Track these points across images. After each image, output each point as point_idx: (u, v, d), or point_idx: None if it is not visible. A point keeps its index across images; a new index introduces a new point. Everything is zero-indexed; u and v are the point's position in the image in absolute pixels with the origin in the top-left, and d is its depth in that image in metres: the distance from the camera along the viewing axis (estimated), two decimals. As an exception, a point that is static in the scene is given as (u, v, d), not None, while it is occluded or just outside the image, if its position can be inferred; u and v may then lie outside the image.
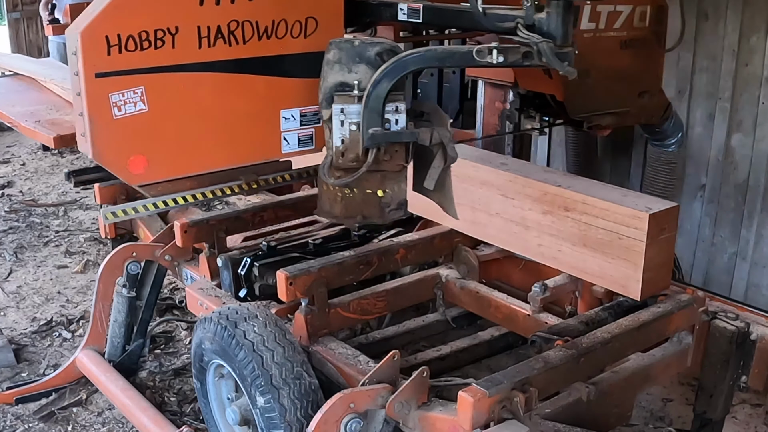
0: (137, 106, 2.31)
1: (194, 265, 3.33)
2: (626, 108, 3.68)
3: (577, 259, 2.65)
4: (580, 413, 2.27)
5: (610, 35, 3.49)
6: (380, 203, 2.32)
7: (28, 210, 6.08)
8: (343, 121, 2.20)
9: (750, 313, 2.71)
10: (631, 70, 3.63)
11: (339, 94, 2.21)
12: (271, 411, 2.41)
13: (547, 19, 2.11)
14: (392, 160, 2.26)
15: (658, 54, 3.81)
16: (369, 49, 2.22)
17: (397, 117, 2.20)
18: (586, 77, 3.31)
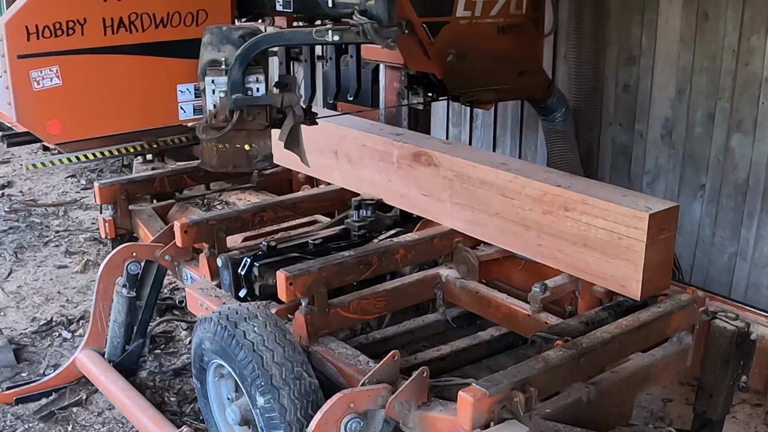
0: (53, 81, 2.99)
1: (194, 265, 3.33)
2: (506, 86, 4.12)
3: (577, 259, 2.65)
4: (580, 413, 2.27)
5: (486, 22, 3.94)
6: (247, 155, 2.80)
7: (28, 210, 6.08)
8: (214, 90, 2.70)
9: (750, 313, 2.71)
10: (509, 53, 4.10)
11: (210, 68, 2.71)
12: (271, 411, 2.41)
13: (375, 5, 2.63)
14: (255, 120, 2.75)
15: (536, 38, 4.30)
16: (233, 33, 2.72)
17: (258, 86, 2.70)
18: (464, 59, 3.84)
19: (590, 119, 4.71)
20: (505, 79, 4.13)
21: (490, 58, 4.01)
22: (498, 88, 4.09)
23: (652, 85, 4.48)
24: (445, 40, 3.81)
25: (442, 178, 3.09)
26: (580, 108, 4.72)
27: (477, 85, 3.94)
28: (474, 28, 3.88)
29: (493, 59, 4.03)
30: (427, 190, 3.18)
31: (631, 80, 4.59)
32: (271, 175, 4.17)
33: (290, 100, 2.76)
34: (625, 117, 4.69)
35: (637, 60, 4.53)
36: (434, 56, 3.72)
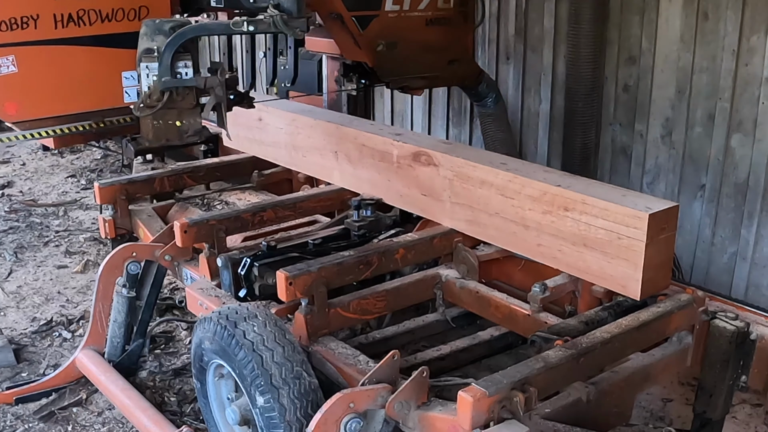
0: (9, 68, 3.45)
1: (194, 265, 3.33)
2: (435, 73, 4.55)
3: (577, 259, 2.65)
4: (579, 413, 2.27)
5: (415, 15, 4.32)
6: (179, 130, 3.25)
7: (28, 210, 6.08)
8: (148, 74, 3.13)
9: (750, 313, 2.71)
10: (438, 43, 4.47)
11: (145, 56, 3.14)
12: (270, 411, 2.41)
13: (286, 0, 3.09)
14: (184, 100, 3.19)
15: (465, 29, 4.66)
16: (164, 25, 3.17)
17: (186, 70, 3.14)
18: (394, 48, 4.24)
19: (587, 120, 4.71)
20: (435, 68, 4.52)
21: (420, 48, 4.38)
22: (427, 75, 4.50)
23: (652, 85, 4.48)
24: (374, 32, 4.17)
25: (442, 178, 3.09)
26: (577, 109, 4.71)
27: (407, 72, 4.33)
28: (402, 20, 4.25)
29: (422, 49, 4.40)
30: (426, 190, 3.18)
31: (631, 80, 4.60)
32: (271, 175, 4.17)
33: (212, 83, 3.18)
34: (625, 117, 4.69)
35: (637, 60, 4.53)
36: (365, 46, 4.12)
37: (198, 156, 4.75)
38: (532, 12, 5.13)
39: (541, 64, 5.14)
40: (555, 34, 4.97)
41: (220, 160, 4.28)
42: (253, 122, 4.06)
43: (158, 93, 3.11)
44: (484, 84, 5.00)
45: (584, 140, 4.76)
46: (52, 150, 7.32)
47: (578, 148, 4.79)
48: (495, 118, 5.04)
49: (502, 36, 5.39)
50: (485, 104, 5.05)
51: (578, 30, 4.50)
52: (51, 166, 7.23)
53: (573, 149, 4.83)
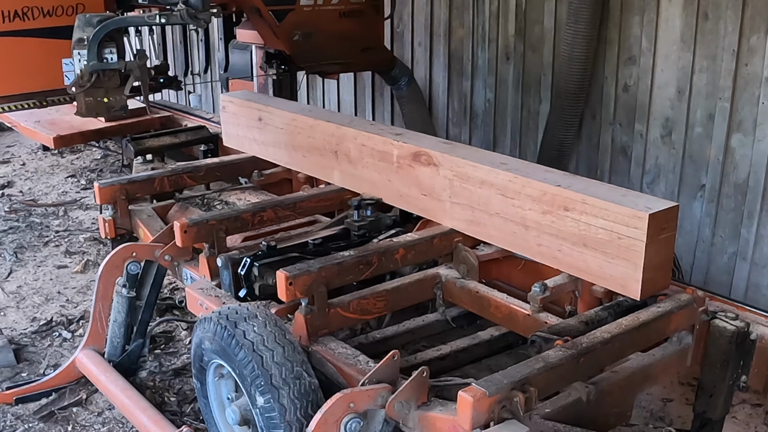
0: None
1: (194, 265, 3.33)
2: (349, 60, 5.17)
3: (577, 259, 2.65)
4: (579, 413, 2.27)
5: (329, 8, 4.97)
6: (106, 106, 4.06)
7: (28, 210, 6.08)
8: (80, 59, 3.84)
9: (750, 313, 2.71)
10: (352, 33, 5.09)
11: (78, 44, 3.83)
12: (270, 411, 2.41)
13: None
14: (110, 81, 3.98)
15: (377, 21, 5.31)
16: (93, 19, 3.83)
17: (112, 56, 3.90)
18: (310, 38, 4.89)
19: (570, 117, 4.74)
20: (349, 55, 5.14)
21: (334, 37, 5.00)
22: (341, 62, 5.12)
23: (652, 85, 4.49)
24: (290, 24, 4.79)
25: (442, 177, 3.09)
26: (563, 106, 4.73)
27: (322, 59, 4.96)
28: (317, 13, 4.89)
29: (336, 38, 5.01)
30: (426, 190, 3.18)
31: (631, 80, 4.60)
32: (271, 175, 4.17)
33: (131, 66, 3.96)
34: (625, 117, 4.69)
35: (637, 60, 4.54)
36: (282, 37, 4.77)
37: (198, 156, 4.76)
38: (532, 12, 5.13)
39: (541, 64, 5.14)
40: (555, 34, 4.98)
41: (220, 160, 4.28)
42: (253, 122, 4.06)
43: (88, 75, 3.84)
44: (396, 69, 5.61)
45: (564, 138, 4.78)
46: (52, 150, 7.32)
47: (556, 144, 4.82)
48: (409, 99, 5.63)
49: (502, 36, 5.40)
50: (399, 87, 5.69)
51: (575, 30, 4.51)
52: (51, 166, 7.23)
53: (551, 144, 4.86)
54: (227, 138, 4.36)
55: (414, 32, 6.08)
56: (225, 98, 4.25)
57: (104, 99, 3.97)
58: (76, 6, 4.21)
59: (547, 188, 2.70)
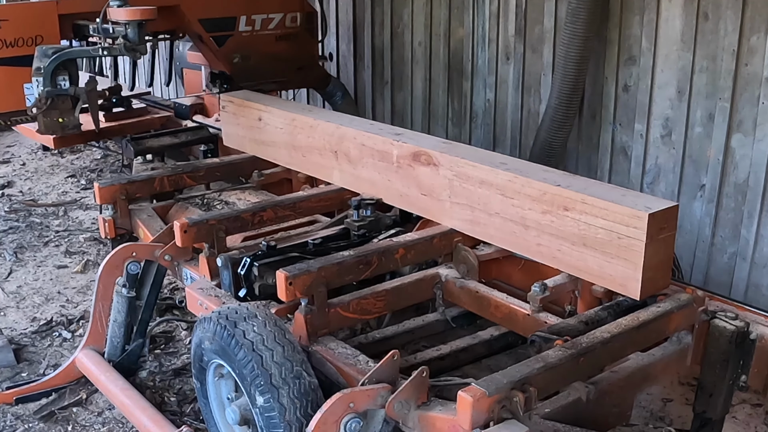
0: None
1: (194, 265, 3.33)
2: (286, 78, 5.66)
3: (577, 259, 2.65)
4: (579, 413, 2.27)
5: (265, 33, 5.45)
6: (61, 126, 4.45)
7: (28, 210, 6.08)
8: (37, 85, 4.30)
9: (750, 313, 2.71)
10: (288, 54, 5.58)
11: (36, 72, 4.28)
12: (270, 410, 2.41)
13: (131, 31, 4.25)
14: (64, 104, 4.41)
15: (311, 43, 5.79)
16: (48, 50, 4.29)
17: (65, 82, 4.35)
18: (248, 60, 5.37)
19: (563, 118, 4.74)
20: (285, 74, 5.60)
21: (271, 58, 5.47)
22: (279, 80, 5.58)
23: (652, 85, 4.48)
24: (230, 48, 5.28)
25: (442, 177, 3.09)
26: (557, 106, 4.73)
27: (260, 78, 5.33)
28: (255, 38, 5.38)
29: (273, 59, 5.48)
30: (426, 189, 3.18)
31: (631, 80, 4.60)
32: (271, 175, 4.17)
33: (80, 92, 4.42)
34: (625, 117, 4.69)
35: (637, 60, 4.53)
36: (222, 59, 5.31)
37: (198, 156, 4.76)
38: (532, 12, 5.13)
39: (541, 64, 5.14)
40: (555, 34, 4.97)
41: (220, 160, 4.28)
42: (253, 122, 4.06)
43: (44, 99, 4.28)
44: (331, 85, 6.11)
45: (556, 136, 4.79)
46: (52, 150, 7.32)
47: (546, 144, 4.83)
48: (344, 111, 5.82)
49: (502, 36, 5.40)
50: (335, 102, 6.13)
51: (573, 29, 4.51)
52: (51, 166, 7.23)
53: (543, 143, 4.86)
54: (227, 138, 4.36)
55: (414, 32, 6.08)
56: (225, 98, 4.25)
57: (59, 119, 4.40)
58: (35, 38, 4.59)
59: (547, 188, 2.70)
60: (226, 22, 5.24)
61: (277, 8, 5.48)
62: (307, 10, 5.70)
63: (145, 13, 4.30)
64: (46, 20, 4.67)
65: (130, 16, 4.24)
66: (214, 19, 5.18)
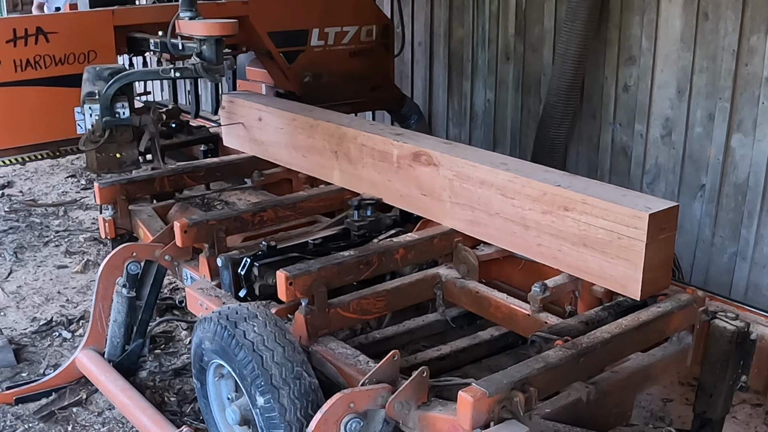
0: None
1: (194, 265, 3.33)
2: (359, 99, 5.16)
3: (577, 259, 2.65)
4: (579, 413, 2.27)
5: (339, 48, 5.02)
6: (118, 161, 3.81)
7: (28, 210, 6.08)
8: (91, 114, 3.66)
9: (750, 313, 2.71)
10: (361, 72, 5.14)
11: (88, 98, 3.66)
12: (271, 411, 2.41)
13: (207, 49, 3.58)
14: (122, 136, 3.76)
15: (386, 59, 5.35)
16: (104, 72, 3.68)
17: (124, 110, 3.69)
18: (320, 79, 4.95)
19: (561, 116, 4.76)
20: (359, 95, 5.14)
21: (344, 77, 5.03)
22: (351, 101, 5.03)
23: (652, 85, 4.49)
24: (301, 65, 4.86)
25: (442, 178, 3.09)
26: (554, 103, 4.74)
27: (332, 100, 4.73)
28: (327, 54, 4.94)
29: (346, 78, 5.04)
30: (426, 190, 3.18)
31: (631, 80, 4.60)
32: (271, 175, 4.17)
33: (145, 121, 3.78)
34: (625, 117, 4.69)
35: (637, 60, 4.54)
36: (292, 78, 4.85)
37: (198, 156, 4.75)
38: (532, 12, 5.13)
39: (541, 64, 5.14)
40: (555, 34, 4.98)
41: (220, 160, 4.28)
42: (253, 122, 4.06)
43: (100, 130, 3.66)
44: (407, 107, 5.61)
45: (555, 135, 4.79)
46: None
47: (547, 141, 4.83)
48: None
49: (502, 36, 5.40)
50: (409, 125, 5.57)
51: (572, 28, 4.52)
52: (51, 166, 7.23)
53: (543, 142, 4.86)
54: (227, 138, 4.36)
55: (414, 32, 6.08)
56: (225, 98, 4.25)
57: (116, 154, 3.77)
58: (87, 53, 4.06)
59: (547, 188, 2.70)
60: (297, 36, 4.80)
61: (351, 20, 5.00)
62: (383, 23, 5.24)
63: (226, 28, 3.61)
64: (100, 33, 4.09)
65: (208, 31, 3.57)
66: (284, 33, 4.71)
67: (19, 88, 3.95)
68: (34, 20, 4.02)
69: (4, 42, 3.85)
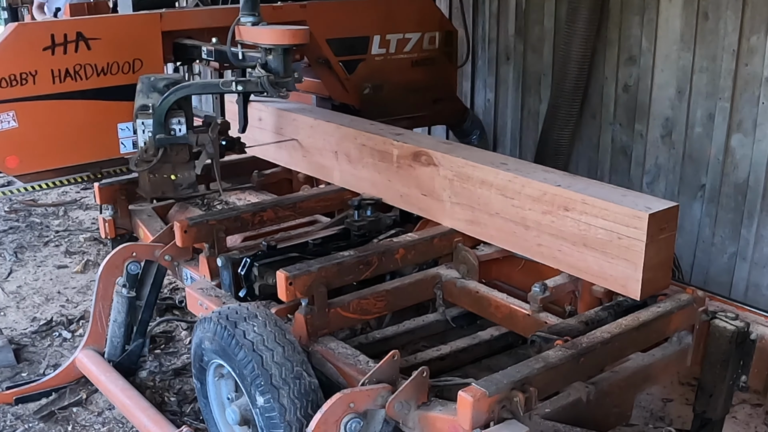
0: (10, 123, 3.42)
1: (194, 265, 3.33)
2: (420, 113, 4.75)
3: (577, 259, 2.65)
4: (579, 413, 2.27)
5: (400, 57, 4.59)
6: (173, 184, 3.41)
7: (28, 210, 6.08)
8: (144, 130, 3.27)
9: (750, 313, 2.71)
10: (423, 83, 4.71)
11: (141, 112, 3.27)
12: (270, 411, 2.41)
13: (273, 59, 3.13)
14: (178, 155, 3.34)
15: (449, 69, 4.89)
16: (159, 83, 3.30)
17: (180, 126, 3.28)
18: (380, 91, 4.52)
19: (565, 116, 4.75)
20: (420, 108, 4.73)
21: (405, 89, 4.62)
22: (412, 116, 4.66)
23: (652, 85, 4.48)
24: (361, 76, 4.42)
25: (442, 178, 3.09)
26: (559, 104, 4.74)
27: (392, 114, 4.38)
28: (388, 63, 4.52)
29: (407, 90, 4.63)
30: (426, 190, 3.18)
31: (631, 80, 4.60)
32: (271, 175, 4.17)
33: (203, 140, 3.31)
34: (625, 117, 4.69)
35: (637, 60, 4.53)
36: (351, 90, 4.42)
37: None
38: (532, 12, 5.13)
39: (541, 64, 5.14)
40: (555, 34, 4.98)
41: (220, 160, 4.27)
42: (253, 122, 4.05)
43: (153, 149, 3.27)
44: (469, 121, 5.16)
45: (559, 136, 4.79)
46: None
47: (552, 143, 4.83)
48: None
49: (502, 36, 5.40)
50: (470, 141, 5.16)
51: (573, 29, 4.52)
52: (51, 166, 7.22)
53: (546, 143, 4.86)
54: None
55: (414, 32, 6.08)
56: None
57: (171, 176, 3.33)
58: (132, 62, 3.57)
59: (547, 188, 2.70)
60: (358, 44, 4.38)
61: (414, 26, 4.58)
62: (446, 29, 4.82)
63: (297, 36, 3.13)
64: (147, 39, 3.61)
65: (276, 40, 3.10)
66: (344, 40, 4.28)
67: (58, 101, 3.48)
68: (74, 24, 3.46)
69: (41, 50, 3.39)
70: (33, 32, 3.40)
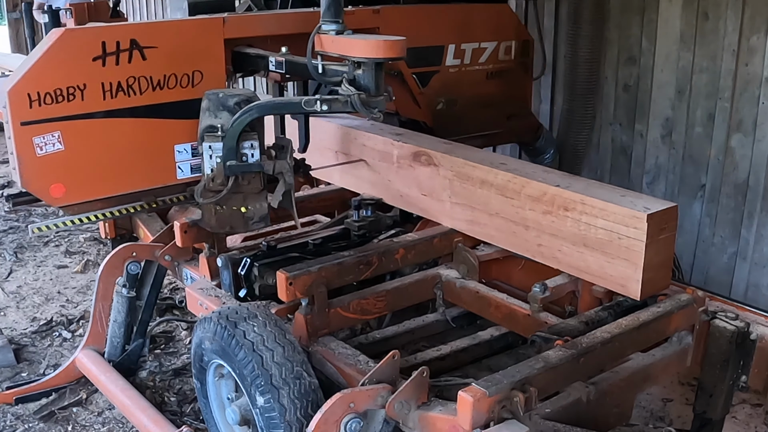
0: (55, 146, 2.93)
1: (194, 265, 3.33)
2: (494, 130, 4.31)
3: (577, 259, 2.65)
4: (580, 413, 2.27)
5: (475, 69, 4.15)
6: (244, 217, 2.88)
7: (28, 210, 6.08)
8: (211, 155, 2.77)
9: (750, 313, 2.71)
10: (498, 97, 4.27)
11: (208, 134, 2.77)
12: (270, 411, 2.41)
13: (363, 75, 2.66)
14: (250, 184, 2.83)
15: (525, 82, 4.47)
16: (229, 100, 2.77)
17: (253, 151, 2.76)
18: (454, 106, 4.07)
19: (581, 120, 4.73)
20: (494, 124, 4.32)
21: (479, 103, 4.20)
22: (487, 134, 4.28)
23: (652, 85, 4.48)
24: (435, 89, 3.99)
25: (442, 177, 3.09)
26: (573, 109, 4.73)
27: (466, 131, 4.04)
28: (463, 75, 4.10)
29: (481, 105, 4.21)
30: (427, 190, 3.18)
31: (631, 80, 4.60)
32: (271, 175, 4.15)
33: (281, 167, 2.82)
34: (625, 117, 4.69)
35: (637, 60, 4.53)
36: (424, 105, 3.96)
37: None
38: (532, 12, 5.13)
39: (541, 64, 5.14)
40: (555, 34, 4.97)
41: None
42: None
43: (223, 177, 2.77)
44: (542, 139, 4.74)
45: (576, 140, 4.78)
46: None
47: (569, 147, 4.81)
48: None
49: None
50: (542, 160, 4.73)
51: (577, 30, 4.51)
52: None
53: (564, 148, 4.85)
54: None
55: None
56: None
57: (241, 208, 2.86)
58: (192, 75, 3.09)
59: (547, 188, 2.70)
60: (432, 54, 3.96)
61: (490, 35, 4.17)
62: (522, 38, 4.40)
63: (394, 49, 2.68)
64: (208, 48, 3.14)
65: (368, 52, 2.66)
66: (418, 49, 3.78)
67: (108, 120, 3.00)
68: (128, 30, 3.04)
69: (91, 60, 2.92)
70: (81, 40, 2.92)
